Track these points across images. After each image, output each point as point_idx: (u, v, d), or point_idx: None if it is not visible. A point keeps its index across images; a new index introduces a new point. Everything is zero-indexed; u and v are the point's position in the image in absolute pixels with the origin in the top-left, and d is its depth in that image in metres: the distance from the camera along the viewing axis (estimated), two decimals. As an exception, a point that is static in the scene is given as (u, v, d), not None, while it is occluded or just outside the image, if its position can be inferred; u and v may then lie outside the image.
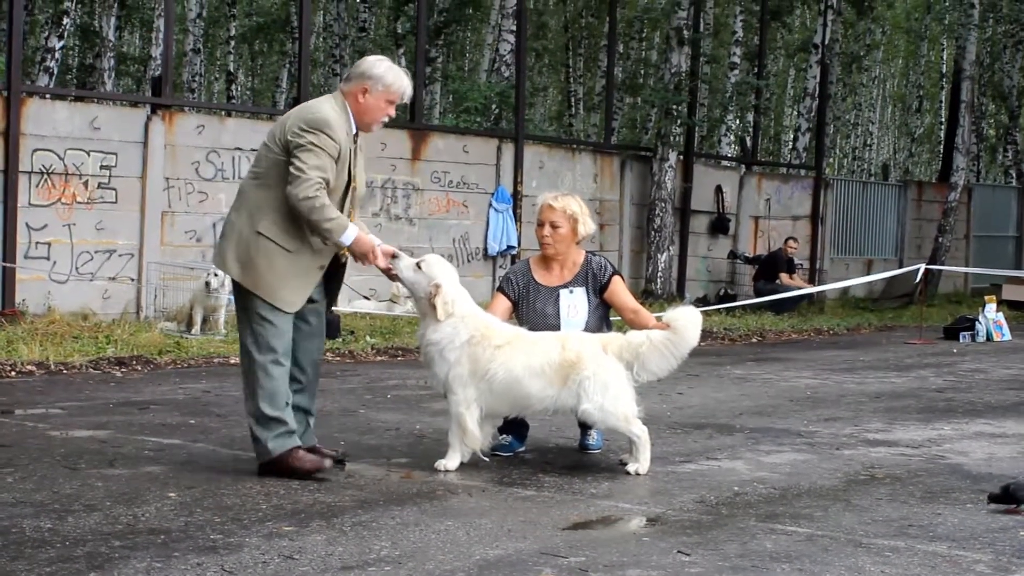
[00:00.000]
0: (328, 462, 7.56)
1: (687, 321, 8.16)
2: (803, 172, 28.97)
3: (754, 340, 19.52)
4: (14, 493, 6.86)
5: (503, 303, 8.64)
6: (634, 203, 24.03)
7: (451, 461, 7.88)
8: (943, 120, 41.10)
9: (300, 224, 7.44)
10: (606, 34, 28.16)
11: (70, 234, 16.36)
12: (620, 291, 8.73)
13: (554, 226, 8.63)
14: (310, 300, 7.70)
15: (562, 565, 5.70)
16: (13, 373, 12.21)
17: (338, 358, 14.61)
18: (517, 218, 21.21)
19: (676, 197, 24.42)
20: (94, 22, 32.15)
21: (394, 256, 7.92)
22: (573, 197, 8.84)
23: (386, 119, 7.78)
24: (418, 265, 7.99)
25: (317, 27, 35.58)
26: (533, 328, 8.35)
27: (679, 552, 5.99)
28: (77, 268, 16.34)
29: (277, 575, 5.43)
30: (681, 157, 24.59)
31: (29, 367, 12.47)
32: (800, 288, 24.00)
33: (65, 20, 22.69)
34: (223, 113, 22.60)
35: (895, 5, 41.47)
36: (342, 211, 7.51)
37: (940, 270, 27.75)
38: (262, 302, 7.48)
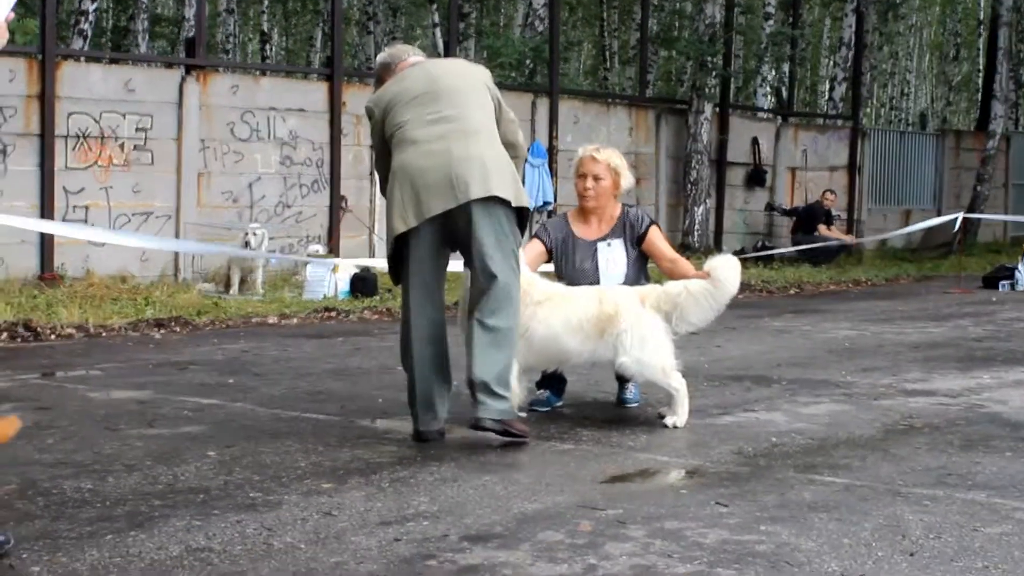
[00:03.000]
0: None
1: (726, 269, 8.11)
2: (840, 123, 28.83)
3: (792, 292, 19.47)
4: (55, 454, 6.91)
5: (537, 247, 8.62)
6: (670, 156, 23.97)
7: (489, 416, 7.88)
8: (981, 68, 40.79)
9: None
10: (640, -13, 28.02)
11: (107, 197, 16.43)
12: (657, 240, 8.69)
13: (597, 178, 8.59)
14: None
15: (600, 517, 5.71)
16: (53, 336, 12.29)
17: (376, 316, 14.64)
18: (552, 173, 21.15)
19: (712, 149, 24.36)
20: (127, -16, 32.20)
21: None
22: (614, 150, 8.82)
23: None
24: None
25: (350, -15, 35.49)
26: (572, 283, 8.35)
27: (717, 503, 6.00)
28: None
29: (316, 531, 5.45)
30: (717, 109, 24.52)
31: (69, 330, 12.54)
32: (840, 239, 23.96)
33: (98, -17, 22.73)
34: (257, 73, 22.64)
35: (931, -48, 41.16)
36: None
37: (979, 219, 27.62)
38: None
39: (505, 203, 7.34)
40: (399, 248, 7.45)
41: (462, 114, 7.48)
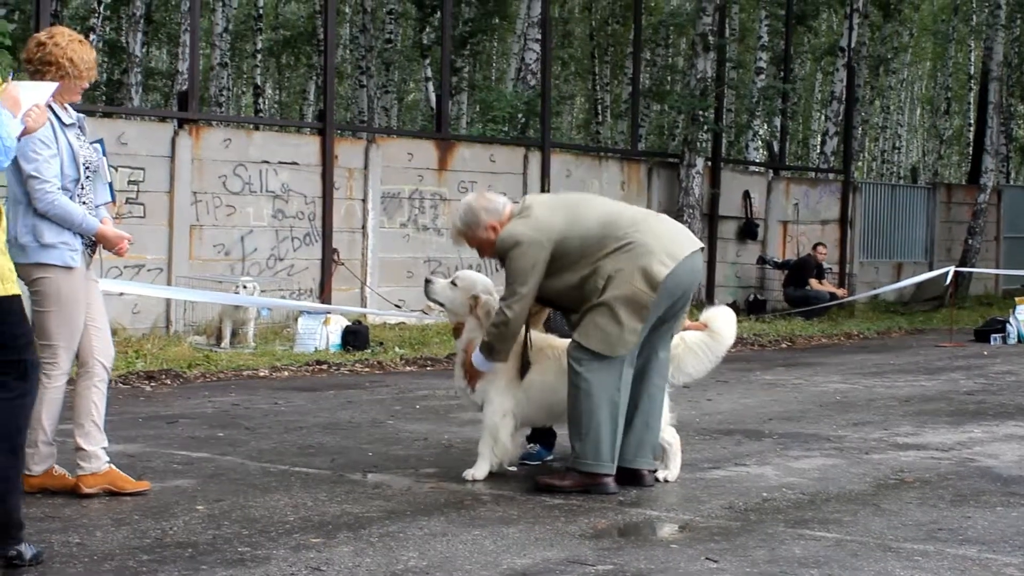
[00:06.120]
0: None
1: (722, 321, 8.16)
2: (831, 176, 28.89)
3: (784, 345, 19.47)
4: (43, 508, 6.89)
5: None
6: (662, 210, 23.91)
7: (480, 470, 7.86)
8: (972, 122, 40.93)
9: None
10: (632, 41, 28.17)
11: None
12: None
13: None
14: None
15: (589, 573, 5.69)
16: (43, 389, 12.22)
17: (367, 369, 14.63)
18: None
19: (704, 203, 24.39)
20: (121, 38, 32.31)
21: (427, 281, 8.18)
22: None
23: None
24: (453, 283, 8.06)
25: (343, 39, 35.65)
26: (563, 336, 8.34)
27: (707, 559, 5.98)
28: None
29: (304, 587, 5.44)
30: (708, 163, 24.57)
31: (59, 382, 12.48)
32: (831, 293, 24.01)
33: (92, 36, 22.80)
34: (250, 127, 22.69)
35: (921, 7, 41.34)
36: None
37: (970, 272, 27.65)
38: None
39: None
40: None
41: None
